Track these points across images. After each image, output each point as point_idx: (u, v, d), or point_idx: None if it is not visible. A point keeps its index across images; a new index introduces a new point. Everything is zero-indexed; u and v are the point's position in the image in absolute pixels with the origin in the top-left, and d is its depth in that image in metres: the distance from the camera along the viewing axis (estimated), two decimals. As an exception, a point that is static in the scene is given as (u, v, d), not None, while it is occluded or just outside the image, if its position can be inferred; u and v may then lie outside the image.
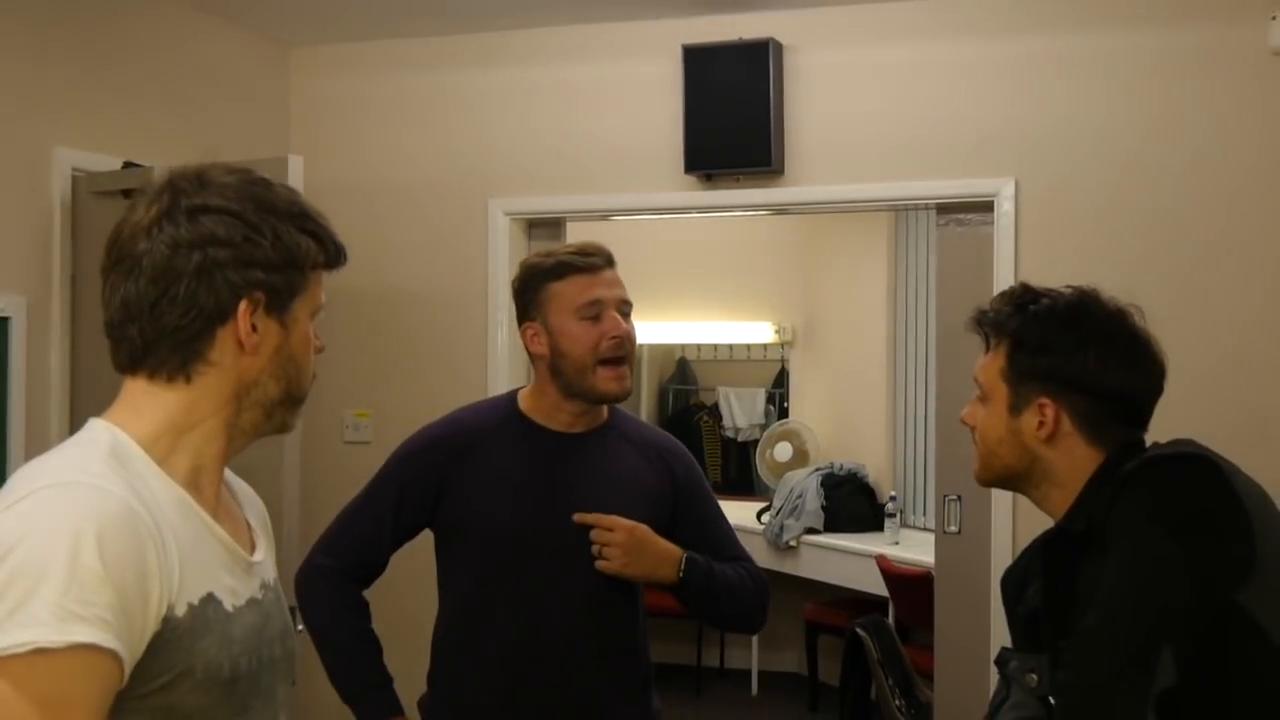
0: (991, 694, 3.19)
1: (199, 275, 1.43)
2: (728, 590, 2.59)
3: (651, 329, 8.26)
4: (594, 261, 2.50)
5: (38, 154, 3.96)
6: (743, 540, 7.77)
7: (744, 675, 7.43)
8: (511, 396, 2.65)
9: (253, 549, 1.56)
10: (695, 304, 8.10)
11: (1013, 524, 4.31)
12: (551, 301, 2.48)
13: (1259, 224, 4.02)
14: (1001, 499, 4.32)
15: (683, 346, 8.44)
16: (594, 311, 2.45)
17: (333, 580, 2.56)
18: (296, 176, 3.75)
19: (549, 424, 2.54)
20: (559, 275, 2.49)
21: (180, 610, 1.35)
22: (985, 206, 4.40)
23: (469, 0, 4.48)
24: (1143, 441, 1.97)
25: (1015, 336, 1.96)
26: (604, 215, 4.93)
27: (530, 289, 2.53)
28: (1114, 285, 4.55)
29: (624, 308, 2.51)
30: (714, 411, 8.35)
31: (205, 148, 4.68)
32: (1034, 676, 1.98)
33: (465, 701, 2.52)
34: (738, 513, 7.24)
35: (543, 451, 2.53)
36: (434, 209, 4.89)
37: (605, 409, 2.60)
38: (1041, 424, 1.94)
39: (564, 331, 2.46)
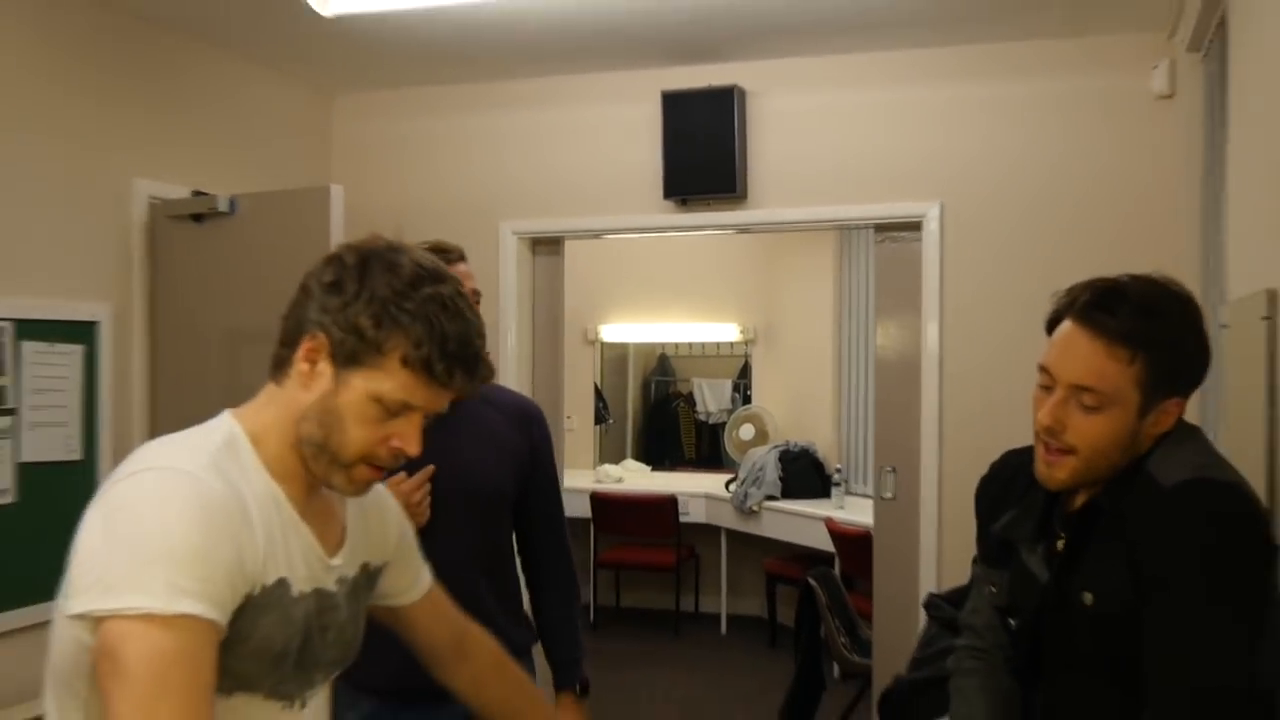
0: (920, 632, 3.19)
1: (302, 293, 1.42)
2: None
3: (637, 330, 8.28)
4: (447, 256, 2.35)
5: (120, 184, 3.96)
6: (711, 506, 7.78)
7: (715, 618, 7.43)
8: None
9: (338, 550, 1.50)
10: (673, 308, 8.10)
11: (938, 491, 4.32)
12: None
13: (1145, 238, 4.02)
14: (929, 471, 4.34)
15: (663, 345, 8.44)
16: None
17: None
18: (338, 203, 3.72)
19: None
20: None
21: (257, 591, 1.33)
22: (915, 226, 4.39)
23: (482, 55, 4.47)
24: None
25: (1158, 345, 1.62)
26: (596, 234, 4.92)
27: None
28: (1023, 291, 4.59)
29: (475, 296, 2.36)
30: (689, 399, 8.35)
31: (260, 177, 4.69)
32: (993, 589, 1.90)
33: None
34: (709, 483, 7.31)
35: None
36: (453, 229, 4.79)
37: None
38: (1159, 423, 1.65)
39: None
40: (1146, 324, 1.61)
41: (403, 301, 1.36)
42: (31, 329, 3.56)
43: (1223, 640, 1.50)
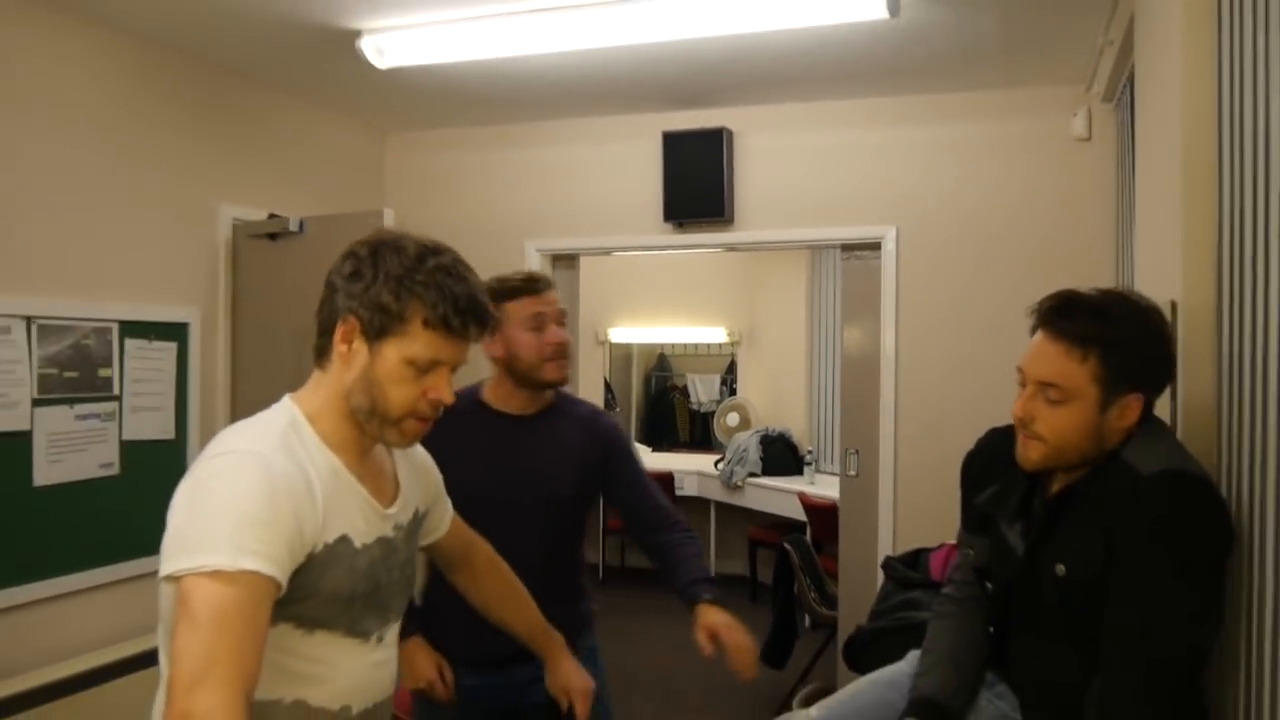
0: (879, 589, 3.22)
1: (328, 289, 1.44)
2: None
3: (640, 333, 8.29)
4: (538, 286, 2.32)
5: (208, 208, 3.99)
6: (702, 482, 7.71)
7: (705, 578, 7.43)
8: (475, 388, 2.38)
9: (393, 501, 1.51)
10: (671, 314, 8.11)
11: (894, 470, 4.35)
12: (507, 317, 2.27)
13: (1066, 258, 4.04)
14: (887, 452, 4.36)
15: (662, 345, 8.44)
16: (538, 323, 2.27)
17: None
18: (389, 225, 3.70)
19: (506, 409, 2.33)
20: (512, 296, 2.29)
21: (319, 549, 1.35)
22: (875, 246, 4.41)
23: (512, 101, 4.50)
24: None
25: (1108, 344, 1.59)
26: (606, 251, 4.93)
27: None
28: (966, 301, 4.61)
29: (562, 318, 2.33)
30: (684, 391, 8.35)
31: (325, 203, 4.69)
32: (970, 552, 1.88)
33: (442, 614, 2.23)
34: (700, 462, 7.31)
35: (502, 430, 2.32)
36: (485, 247, 4.78)
37: (551, 394, 2.38)
38: (1124, 417, 1.61)
39: (516, 339, 2.27)
40: (1098, 326, 1.60)
41: (414, 275, 1.39)
42: (133, 328, 3.61)
43: (1178, 613, 1.49)
